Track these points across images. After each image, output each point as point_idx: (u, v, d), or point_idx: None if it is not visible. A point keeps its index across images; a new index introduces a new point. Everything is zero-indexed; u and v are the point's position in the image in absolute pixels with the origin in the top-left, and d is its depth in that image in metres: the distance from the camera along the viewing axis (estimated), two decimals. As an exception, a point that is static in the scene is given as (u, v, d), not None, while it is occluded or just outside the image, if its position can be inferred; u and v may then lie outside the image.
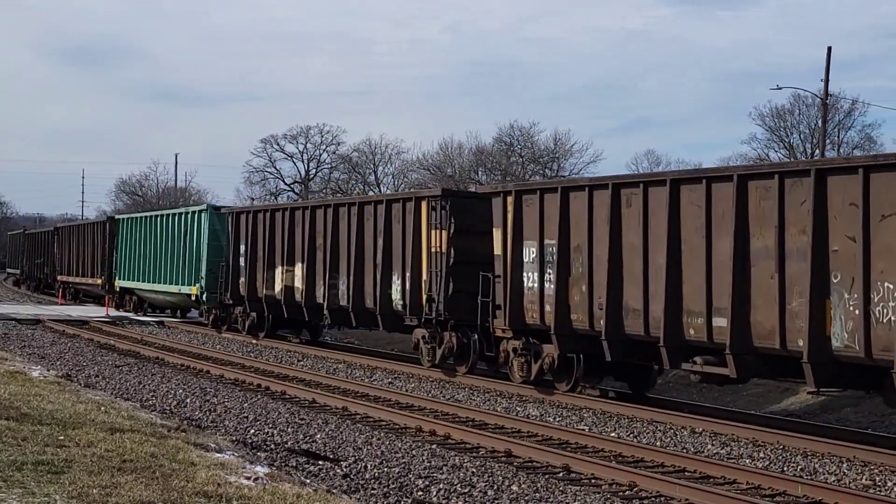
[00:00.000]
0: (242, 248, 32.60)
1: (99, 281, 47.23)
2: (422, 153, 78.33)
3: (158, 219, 41.37)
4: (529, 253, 20.34)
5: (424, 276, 23.59)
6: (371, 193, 67.23)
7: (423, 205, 23.74)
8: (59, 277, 56.90)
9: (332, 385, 21.57)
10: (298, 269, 29.32)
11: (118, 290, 45.02)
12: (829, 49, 46.19)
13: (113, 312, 42.06)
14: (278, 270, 30.44)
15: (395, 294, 24.82)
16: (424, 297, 23.52)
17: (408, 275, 24.13)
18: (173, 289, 38.48)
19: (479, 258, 21.84)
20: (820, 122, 53.88)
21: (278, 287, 30.36)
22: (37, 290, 65.72)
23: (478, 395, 20.75)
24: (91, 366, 23.74)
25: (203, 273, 35.64)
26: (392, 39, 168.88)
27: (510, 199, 20.68)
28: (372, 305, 25.65)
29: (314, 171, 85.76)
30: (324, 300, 27.72)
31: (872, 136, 64.57)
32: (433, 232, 23.08)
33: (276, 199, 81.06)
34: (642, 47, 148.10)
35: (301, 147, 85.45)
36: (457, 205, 23.02)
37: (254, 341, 31.46)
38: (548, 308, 19.77)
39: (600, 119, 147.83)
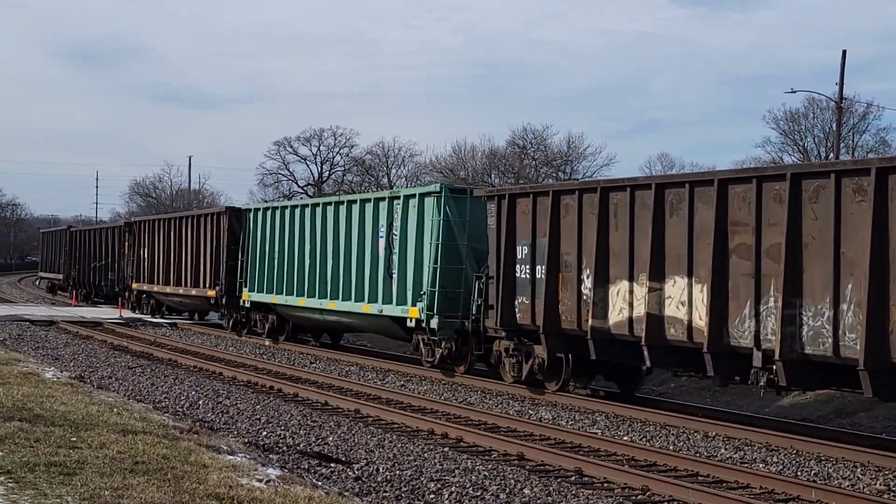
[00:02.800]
0: (524, 250, 20.61)
1: (210, 293, 35.23)
2: (435, 156, 78.44)
3: (332, 208, 28.72)
4: None
5: None
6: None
7: None
8: (134, 285, 44.07)
9: (344, 387, 21.57)
10: (676, 287, 17.36)
11: (246, 304, 33.20)
12: (844, 52, 46.07)
13: (126, 314, 42.05)
14: (621, 288, 18.37)
15: None
16: None
17: None
18: (365, 308, 26.25)
19: None
20: (834, 125, 53.73)
21: (620, 315, 18.34)
22: (87, 300, 53.38)
23: (490, 398, 20.70)
24: (104, 367, 23.79)
25: (430, 287, 23.55)
26: (402, 41, 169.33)
27: None
28: None
29: (327, 173, 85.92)
30: (759, 343, 15.81)
31: (887, 139, 64.44)
32: None
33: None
34: (653, 49, 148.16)
35: (314, 149, 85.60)
36: None
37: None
38: None
39: (612, 121, 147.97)
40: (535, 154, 70.13)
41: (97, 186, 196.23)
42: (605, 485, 12.85)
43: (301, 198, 51.05)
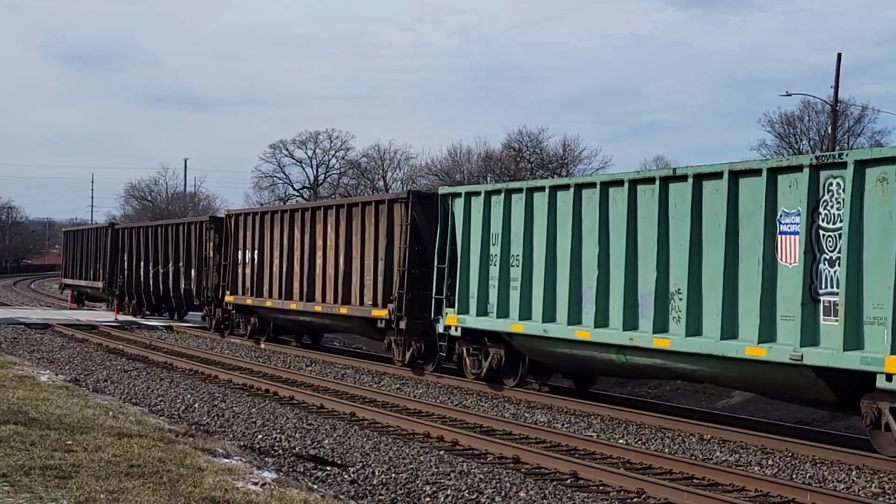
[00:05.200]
0: None
1: (377, 312, 24.77)
2: (430, 159, 78.67)
3: (652, 188, 17.79)
4: None
5: None
6: None
7: None
8: (228, 298, 33.26)
9: (340, 390, 21.56)
10: None
11: (453, 332, 22.15)
12: (839, 55, 46.13)
13: (122, 317, 41.96)
14: None
15: None
16: None
17: None
18: (750, 351, 15.68)
19: None
20: (830, 128, 53.85)
21: None
22: (137, 313, 43.98)
23: (486, 400, 20.71)
24: (99, 370, 23.77)
25: None
26: (398, 44, 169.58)
27: None
28: None
29: (323, 176, 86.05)
30: None
31: (882, 142, 64.58)
32: None
33: (284, 204, 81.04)
34: (649, 52, 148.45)
35: (310, 152, 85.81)
36: None
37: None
38: None
39: (608, 124, 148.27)
40: (530, 157, 70.19)
41: (92, 189, 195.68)
42: (601, 488, 12.86)
43: (571, 175, 36.84)
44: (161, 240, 41.55)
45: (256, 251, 31.52)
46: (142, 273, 43.54)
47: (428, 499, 11.90)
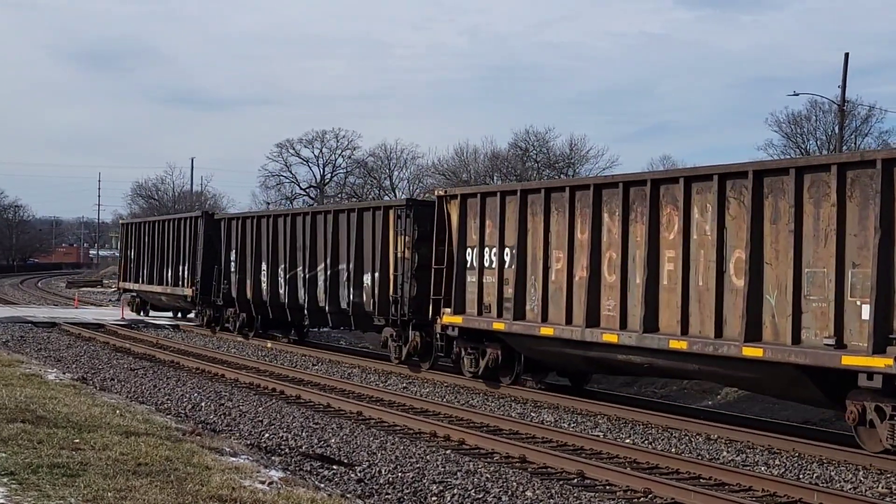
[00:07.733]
0: None
1: (860, 361, 13.79)
2: (437, 158, 78.71)
3: None
4: None
5: None
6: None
7: None
8: (452, 318, 21.90)
9: (346, 389, 21.58)
10: None
11: None
12: (847, 55, 46.07)
13: (129, 315, 41.99)
14: None
15: None
16: None
17: None
18: None
19: None
20: (837, 128, 53.77)
21: None
22: (246, 333, 33.26)
23: (492, 400, 20.72)
24: (106, 369, 23.80)
25: None
26: (410, 43, 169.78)
27: None
28: None
29: (329, 175, 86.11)
30: None
31: (889, 142, 64.48)
32: None
33: (291, 204, 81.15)
34: (661, 51, 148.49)
35: (317, 152, 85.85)
36: None
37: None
38: None
39: (616, 124, 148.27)
40: (537, 156, 70.19)
41: (99, 188, 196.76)
42: (608, 487, 12.85)
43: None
44: (305, 233, 29.76)
45: (508, 250, 20.76)
46: (263, 278, 31.97)
47: (434, 498, 11.91)
